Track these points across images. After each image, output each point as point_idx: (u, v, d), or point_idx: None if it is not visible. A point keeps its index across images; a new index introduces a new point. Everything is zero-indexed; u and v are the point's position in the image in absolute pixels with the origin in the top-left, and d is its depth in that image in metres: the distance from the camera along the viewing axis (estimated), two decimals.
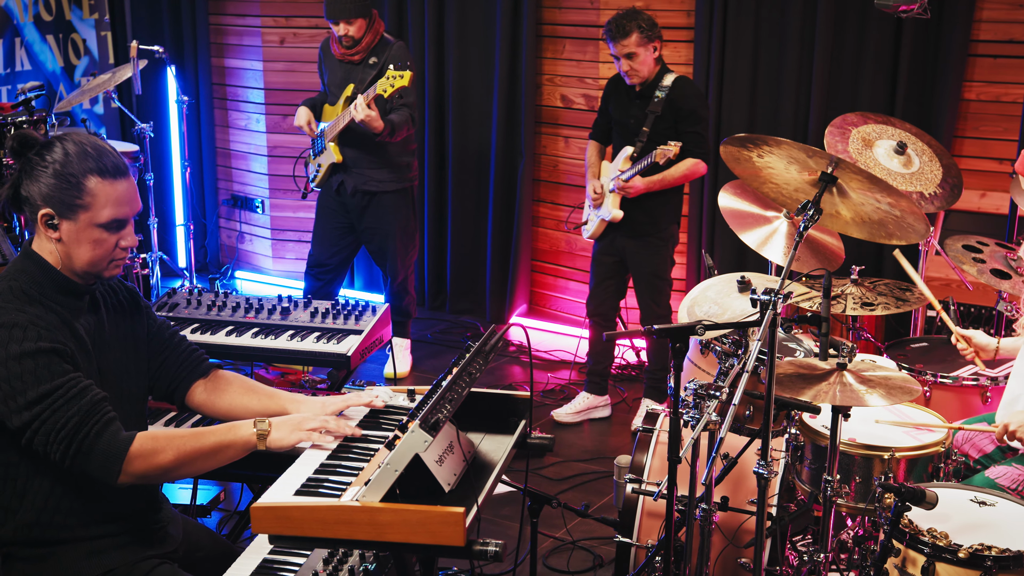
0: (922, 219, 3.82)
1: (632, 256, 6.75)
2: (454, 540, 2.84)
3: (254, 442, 3.32)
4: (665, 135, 6.46)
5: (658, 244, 6.69)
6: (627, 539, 4.58)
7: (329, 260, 7.50)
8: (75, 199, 3.21)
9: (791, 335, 5.37)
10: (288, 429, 3.36)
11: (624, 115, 6.67)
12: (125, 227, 3.32)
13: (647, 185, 6.48)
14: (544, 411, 7.12)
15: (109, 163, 3.26)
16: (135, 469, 3.18)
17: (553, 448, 3.74)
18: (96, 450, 3.14)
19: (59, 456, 3.13)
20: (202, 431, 3.32)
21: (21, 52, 9.00)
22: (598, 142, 6.98)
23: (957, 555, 3.50)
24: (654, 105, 6.50)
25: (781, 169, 3.97)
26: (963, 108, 6.89)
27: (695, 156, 6.48)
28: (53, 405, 3.11)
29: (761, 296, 3.64)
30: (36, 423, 3.11)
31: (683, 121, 6.49)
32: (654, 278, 6.73)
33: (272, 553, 3.34)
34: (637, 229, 6.67)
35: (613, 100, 6.78)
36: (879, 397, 3.89)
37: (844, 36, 7.13)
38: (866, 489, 4.24)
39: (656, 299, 6.73)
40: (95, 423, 3.14)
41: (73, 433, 3.11)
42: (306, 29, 9.19)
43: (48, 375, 3.12)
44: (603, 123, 6.94)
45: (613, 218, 6.62)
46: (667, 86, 6.50)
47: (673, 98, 6.48)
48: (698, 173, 6.58)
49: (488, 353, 3.50)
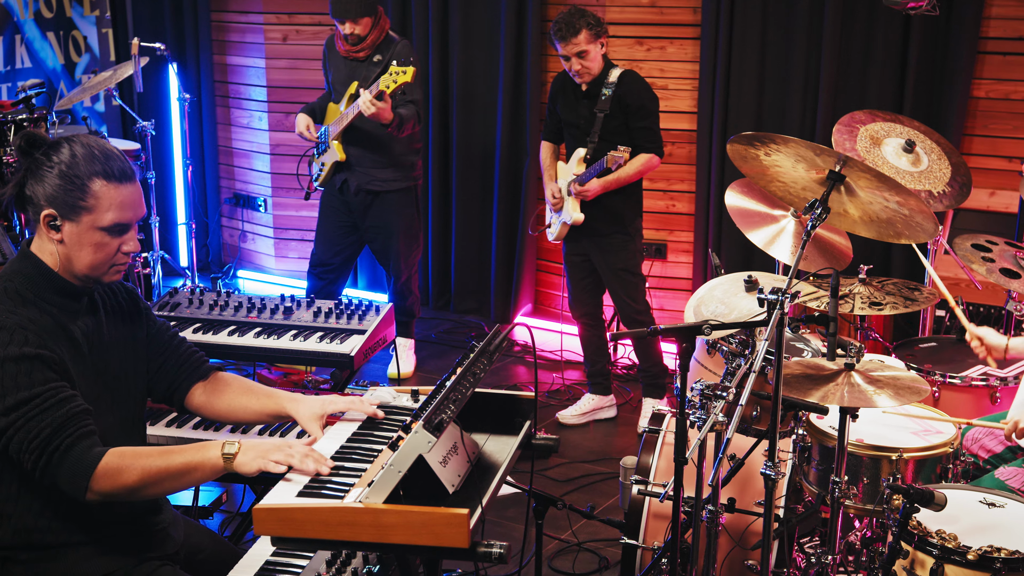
0: (931, 218, 3.82)
1: (599, 256, 6.75)
2: (458, 542, 2.84)
3: (221, 465, 3.25)
4: (616, 133, 6.48)
5: (624, 240, 6.68)
6: (633, 541, 4.58)
7: (332, 259, 7.50)
8: (78, 200, 3.20)
9: (798, 335, 5.37)
10: (253, 455, 3.26)
11: (573, 116, 6.67)
12: (128, 232, 3.31)
13: (603, 186, 6.49)
14: (549, 412, 7.12)
15: (115, 167, 3.26)
16: (100, 488, 3.14)
17: (558, 449, 3.74)
18: (65, 464, 3.11)
19: (30, 466, 3.11)
20: (171, 450, 3.26)
21: (21, 49, 9.00)
22: (551, 143, 6.97)
23: (966, 557, 3.50)
24: (602, 104, 6.49)
25: (788, 167, 3.97)
26: (972, 106, 6.89)
27: (648, 151, 6.48)
28: (28, 413, 3.08)
29: (768, 296, 3.64)
30: (11, 430, 3.09)
31: (632, 117, 6.49)
32: (624, 273, 6.72)
33: (275, 555, 3.33)
34: (600, 229, 6.67)
35: (560, 100, 6.75)
36: (887, 398, 3.89)
37: (852, 33, 7.13)
38: (874, 490, 4.24)
39: (631, 295, 6.73)
40: (67, 436, 3.11)
41: (44, 444, 3.09)
42: (309, 26, 9.19)
43: (28, 382, 3.09)
44: (553, 124, 6.92)
45: (575, 221, 6.62)
46: (613, 82, 6.48)
47: (621, 94, 6.47)
48: (652, 167, 6.57)
49: (492, 353, 3.50)
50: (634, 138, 6.45)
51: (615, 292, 6.78)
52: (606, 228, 6.66)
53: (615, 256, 6.70)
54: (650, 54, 7.82)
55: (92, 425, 3.18)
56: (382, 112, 6.71)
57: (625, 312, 6.77)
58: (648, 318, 6.76)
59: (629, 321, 6.78)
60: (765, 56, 7.48)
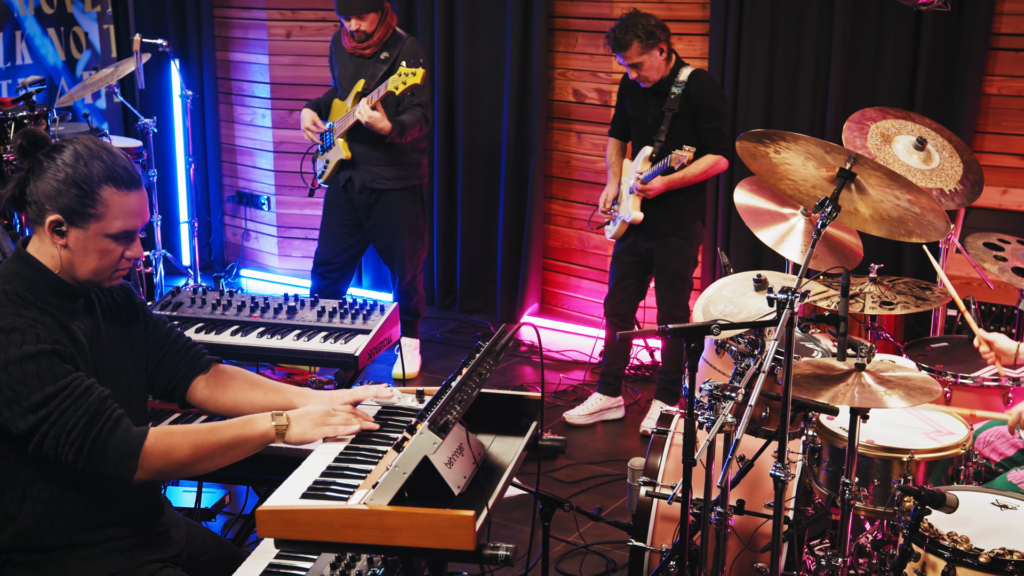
0: (942, 216, 3.82)
1: (655, 257, 6.73)
2: (464, 544, 2.84)
3: (272, 436, 3.33)
4: (684, 132, 6.45)
5: (681, 244, 6.67)
6: (641, 543, 4.58)
7: (336, 258, 7.51)
8: (88, 208, 3.20)
9: (808, 335, 5.37)
10: (310, 423, 3.37)
11: (641, 114, 6.66)
12: (133, 239, 3.32)
13: (667, 184, 6.46)
14: (556, 412, 7.12)
15: (123, 172, 3.26)
16: (151, 465, 3.18)
17: (565, 450, 3.74)
18: (110, 448, 3.13)
19: (72, 457, 3.12)
20: (218, 425, 3.33)
21: (22, 45, 9.01)
22: (618, 139, 6.96)
23: (978, 560, 3.50)
24: (671, 102, 6.47)
25: (798, 165, 3.97)
26: (984, 103, 6.88)
27: (715, 152, 6.45)
28: (61, 406, 3.09)
29: (778, 295, 3.64)
30: (44, 426, 3.09)
31: (701, 117, 6.47)
32: (676, 278, 6.71)
33: (278, 557, 3.34)
34: (659, 229, 6.65)
35: (629, 98, 6.75)
36: (898, 398, 3.89)
37: (863, 29, 7.13)
38: (885, 492, 4.24)
39: (676, 300, 6.72)
40: (106, 420, 3.13)
41: (84, 433, 3.10)
42: (313, 22, 9.20)
43: (51, 376, 3.10)
44: (621, 120, 6.91)
45: (634, 220, 6.60)
46: (683, 81, 6.46)
47: (690, 94, 6.45)
48: (719, 169, 6.56)
49: (499, 353, 3.50)
50: (701, 139, 6.44)
51: (661, 294, 6.77)
52: (665, 229, 6.65)
53: (670, 259, 6.68)
54: None
55: (120, 408, 3.20)
56: (376, 122, 6.73)
57: (665, 314, 6.74)
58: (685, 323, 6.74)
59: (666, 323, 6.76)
60: (774, 52, 7.47)
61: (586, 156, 8.38)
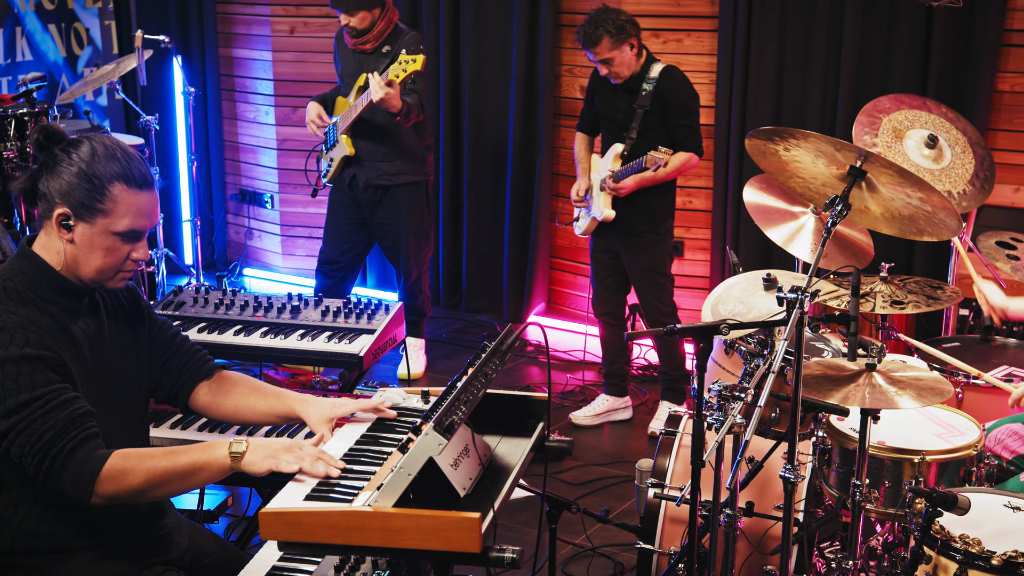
0: (954, 215, 3.82)
1: (628, 255, 6.75)
2: (470, 547, 2.84)
3: (229, 464, 3.24)
4: (654, 129, 6.47)
5: (654, 240, 6.68)
6: (649, 546, 4.59)
7: (341, 257, 7.51)
8: (96, 202, 3.20)
9: (819, 335, 5.37)
10: (262, 454, 3.25)
11: (611, 110, 6.66)
12: (140, 239, 3.31)
13: (638, 183, 6.47)
14: (563, 413, 7.13)
15: (136, 172, 3.26)
16: (105, 491, 3.13)
17: (572, 451, 3.74)
18: (68, 468, 3.10)
19: (32, 470, 3.10)
20: (176, 450, 3.25)
21: (22, 42, 9.03)
22: (586, 134, 6.96)
23: (990, 562, 3.50)
24: (642, 99, 6.48)
25: (808, 163, 3.97)
26: (996, 100, 6.88)
27: (687, 150, 6.46)
28: (30, 416, 3.07)
29: (788, 294, 3.64)
30: (12, 433, 3.08)
31: (672, 114, 6.48)
32: (653, 274, 6.72)
33: (282, 560, 3.34)
34: (631, 227, 6.67)
35: (599, 93, 6.74)
36: (910, 399, 3.89)
37: (873, 26, 7.12)
38: (896, 494, 4.24)
39: (658, 296, 6.73)
40: (70, 439, 3.10)
41: (47, 448, 3.08)
42: (317, 18, 9.20)
43: (30, 384, 3.08)
44: (589, 115, 6.91)
45: (605, 218, 6.62)
46: (654, 78, 6.47)
47: (661, 91, 6.46)
48: (690, 167, 6.56)
49: (505, 353, 3.50)
50: (673, 136, 6.45)
51: (642, 292, 6.78)
52: (637, 226, 6.66)
53: (644, 256, 6.69)
54: (666, 47, 7.81)
55: (96, 427, 3.17)
56: (391, 98, 6.71)
57: (651, 313, 6.76)
58: (674, 320, 6.74)
59: (654, 322, 6.77)
60: (784, 49, 7.47)
61: None
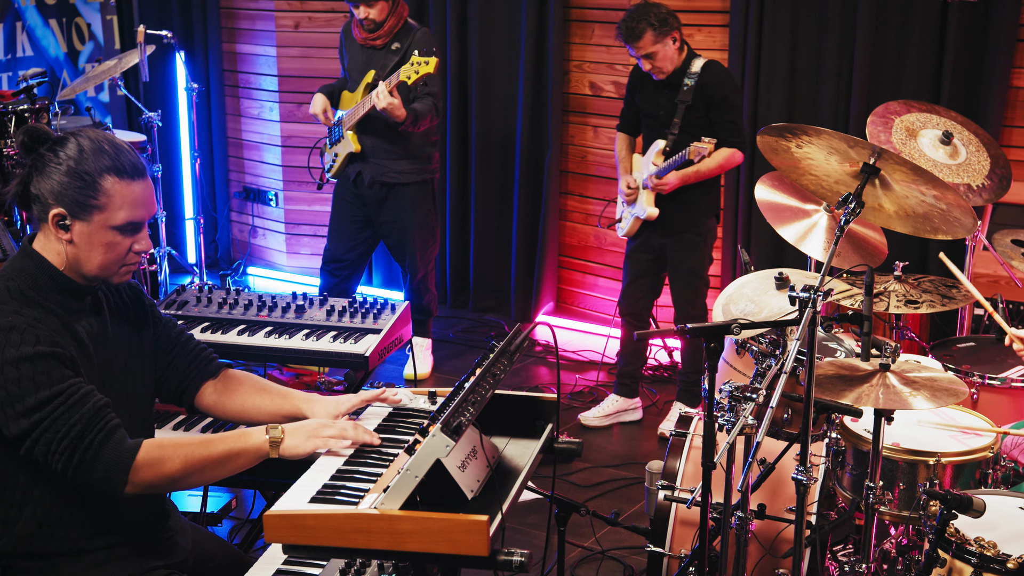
0: (969, 212, 3.81)
1: (670, 254, 6.73)
2: (477, 550, 2.85)
3: (266, 450, 3.31)
4: (697, 125, 6.44)
5: (696, 241, 6.67)
6: (659, 549, 4.59)
7: (346, 255, 7.52)
8: (90, 199, 3.20)
9: (831, 334, 5.36)
10: (303, 436, 3.34)
11: (653, 106, 6.64)
12: (140, 231, 3.31)
13: (682, 179, 6.45)
14: (572, 414, 7.13)
15: (127, 162, 3.25)
16: (141, 479, 3.16)
17: (581, 453, 3.74)
18: (100, 460, 3.12)
19: (61, 467, 3.11)
20: (211, 438, 3.31)
21: (23, 37, 9.04)
22: (627, 134, 6.94)
23: (1006, 565, 3.50)
24: (683, 94, 6.46)
25: (821, 160, 3.96)
26: (1012, 96, 6.86)
27: (730, 146, 6.45)
28: (53, 413, 3.08)
29: (800, 293, 3.64)
30: (36, 432, 3.09)
31: (715, 110, 6.46)
32: (692, 276, 6.71)
33: (286, 563, 3.34)
34: (674, 226, 6.65)
35: (639, 90, 6.74)
36: (924, 400, 3.89)
37: (887, 20, 7.11)
38: (910, 496, 4.24)
39: (692, 299, 6.71)
40: (98, 431, 3.12)
41: (76, 442, 3.09)
42: (321, 13, 9.21)
43: (47, 381, 3.09)
44: (630, 114, 6.90)
45: (648, 216, 6.59)
46: (696, 72, 6.45)
47: (703, 85, 6.44)
48: (734, 163, 6.56)
49: (513, 353, 3.50)
50: (716, 132, 6.41)
51: (676, 292, 6.77)
52: (678, 224, 6.64)
53: (686, 256, 6.68)
54: None
55: (117, 418, 3.19)
56: (394, 108, 6.72)
57: (682, 313, 6.74)
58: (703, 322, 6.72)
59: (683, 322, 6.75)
60: (796, 44, 7.46)
61: (603, 151, 8.37)
